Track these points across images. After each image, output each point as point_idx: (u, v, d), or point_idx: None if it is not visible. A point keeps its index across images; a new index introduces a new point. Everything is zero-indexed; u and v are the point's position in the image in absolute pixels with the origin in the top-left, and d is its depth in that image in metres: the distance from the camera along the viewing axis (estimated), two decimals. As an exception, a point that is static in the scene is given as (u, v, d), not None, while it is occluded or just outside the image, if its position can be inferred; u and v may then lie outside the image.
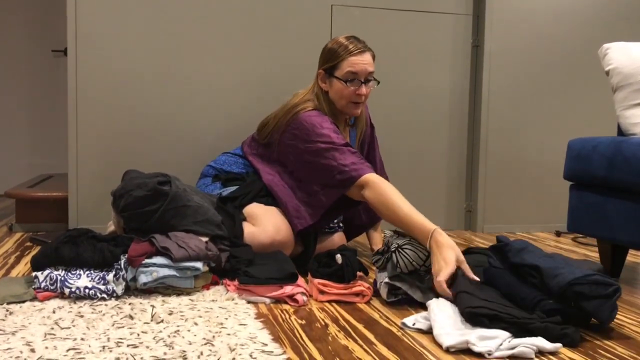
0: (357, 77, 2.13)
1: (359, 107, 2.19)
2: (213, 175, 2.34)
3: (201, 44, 2.80)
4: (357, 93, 2.14)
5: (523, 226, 3.23)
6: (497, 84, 3.15)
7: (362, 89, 2.14)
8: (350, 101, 2.16)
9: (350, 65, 2.12)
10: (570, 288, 1.49)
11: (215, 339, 1.38)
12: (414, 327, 1.52)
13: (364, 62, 2.13)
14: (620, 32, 3.22)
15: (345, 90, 2.14)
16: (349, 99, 2.16)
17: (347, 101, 2.17)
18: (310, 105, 2.19)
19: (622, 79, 2.17)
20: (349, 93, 2.14)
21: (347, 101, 2.17)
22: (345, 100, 2.17)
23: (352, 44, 2.15)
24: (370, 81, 2.17)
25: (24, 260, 2.20)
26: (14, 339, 1.35)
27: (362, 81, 2.14)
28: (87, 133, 2.73)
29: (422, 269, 1.71)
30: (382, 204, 1.92)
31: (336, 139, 2.07)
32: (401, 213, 1.87)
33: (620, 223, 1.97)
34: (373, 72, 2.18)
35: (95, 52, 2.72)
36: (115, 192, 1.93)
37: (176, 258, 1.73)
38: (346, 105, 2.18)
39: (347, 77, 2.13)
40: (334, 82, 2.16)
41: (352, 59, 2.12)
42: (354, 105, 2.17)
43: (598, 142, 2.06)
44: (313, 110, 2.17)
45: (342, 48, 2.15)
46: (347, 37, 2.19)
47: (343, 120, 2.31)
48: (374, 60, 2.19)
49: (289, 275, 1.77)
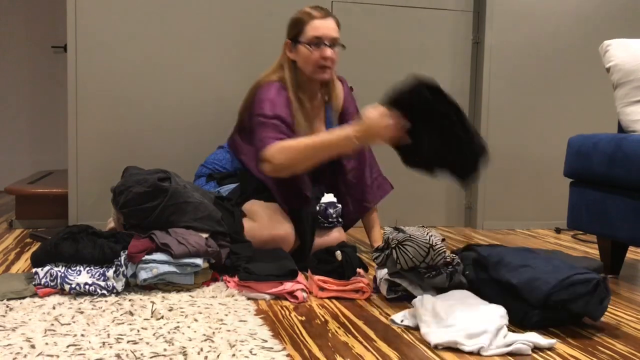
0: (321, 41, 2.17)
1: (326, 71, 2.21)
2: (207, 175, 2.35)
3: (202, 40, 2.80)
4: (323, 56, 2.18)
5: (523, 223, 3.23)
6: (497, 81, 3.15)
7: (327, 52, 2.17)
8: (317, 66, 2.19)
9: (314, 29, 2.18)
10: (549, 298, 1.48)
11: (215, 335, 1.38)
12: (402, 323, 1.52)
13: (328, 26, 2.19)
14: (621, 29, 3.21)
15: (311, 54, 2.18)
16: (316, 64, 2.19)
17: (314, 66, 2.19)
18: (274, 77, 2.24)
19: (622, 76, 2.17)
20: (315, 57, 2.18)
21: (314, 66, 2.19)
22: (312, 65, 2.20)
23: (315, 10, 2.22)
24: (335, 47, 2.22)
25: (24, 257, 2.21)
26: (14, 335, 1.35)
27: (326, 44, 2.18)
28: (87, 129, 2.73)
29: (422, 265, 1.71)
30: (291, 153, 1.98)
31: (268, 110, 2.12)
32: (314, 144, 1.97)
33: (620, 220, 1.97)
34: (338, 38, 2.22)
35: (95, 49, 2.71)
36: (115, 189, 1.93)
37: (176, 254, 1.73)
38: (314, 70, 2.20)
39: (311, 42, 2.18)
40: (300, 49, 2.20)
41: (316, 22, 2.18)
42: (321, 69, 2.20)
43: (598, 139, 2.06)
44: (272, 83, 2.22)
45: (306, 15, 2.21)
46: (311, 6, 2.25)
47: (316, 95, 2.33)
48: (338, 27, 2.24)
49: (289, 272, 1.77)
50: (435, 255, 1.70)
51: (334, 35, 2.19)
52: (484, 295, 1.64)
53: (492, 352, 1.34)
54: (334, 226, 2.31)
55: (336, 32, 2.21)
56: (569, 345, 1.43)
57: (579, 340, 1.46)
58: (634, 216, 1.91)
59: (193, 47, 2.79)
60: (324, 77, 2.22)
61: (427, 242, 1.71)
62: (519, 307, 1.55)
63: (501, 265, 1.65)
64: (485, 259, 1.72)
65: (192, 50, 2.79)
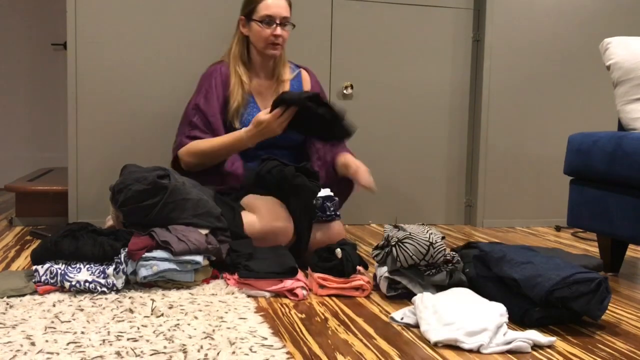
0: (272, 19, 2.32)
1: (277, 48, 2.36)
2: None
3: (202, 37, 2.80)
4: (274, 34, 2.33)
5: (523, 221, 3.23)
6: (497, 79, 3.14)
7: (278, 30, 2.33)
8: (268, 42, 2.35)
9: (266, 8, 2.32)
10: (551, 295, 1.48)
11: (215, 333, 1.39)
12: (402, 321, 1.53)
13: (279, 5, 2.33)
14: (622, 27, 3.21)
15: (262, 32, 2.34)
16: (267, 41, 2.34)
17: (265, 43, 2.35)
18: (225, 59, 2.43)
19: (622, 74, 2.17)
20: (266, 35, 2.33)
21: (265, 43, 2.35)
22: (264, 42, 2.35)
23: None
24: (286, 25, 2.36)
25: (24, 254, 2.21)
26: (14, 333, 1.35)
27: (277, 23, 2.32)
28: (87, 127, 2.73)
29: (422, 263, 1.71)
30: (197, 155, 2.28)
31: (201, 103, 2.34)
32: (213, 147, 2.25)
33: (620, 218, 1.97)
34: (289, 18, 2.37)
35: (95, 46, 2.71)
36: (114, 187, 1.93)
37: (176, 251, 1.73)
38: (265, 47, 2.36)
39: (263, 19, 2.33)
40: (253, 26, 2.36)
41: (268, 1, 2.33)
42: (272, 46, 2.35)
43: (598, 137, 2.06)
44: (215, 66, 2.42)
45: None
46: None
47: (271, 72, 2.45)
48: (290, 7, 2.39)
49: (289, 269, 1.77)
50: (435, 253, 1.71)
51: (284, 14, 2.34)
52: (485, 292, 1.64)
53: (492, 350, 1.34)
54: (332, 219, 2.31)
55: (287, 12, 2.36)
56: (568, 343, 1.43)
57: (579, 338, 1.47)
58: (634, 214, 1.91)
59: (193, 45, 2.79)
60: (274, 53, 2.38)
61: (427, 239, 1.71)
62: (519, 304, 1.55)
63: (503, 261, 1.65)
64: (487, 255, 1.72)
65: (192, 48, 2.79)
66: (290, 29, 2.39)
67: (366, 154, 3.07)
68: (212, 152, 2.25)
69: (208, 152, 2.26)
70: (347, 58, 3.02)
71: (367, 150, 3.07)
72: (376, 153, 3.10)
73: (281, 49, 2.39)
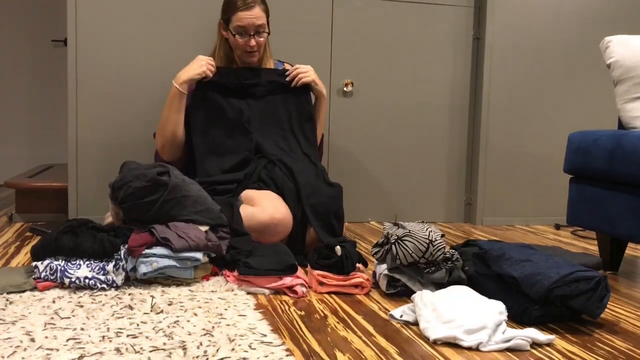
0: (245, 30, 2.36)
1: (252, 55, 2.42)
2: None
3: (201, 34, 2.79)
4: (248, 44, 2.37)
5: (522, 219, 3.23)
6: (497, 77, 3.14)
7: (251, 42, 2.37)
8: (244, 51, 2.41)
9: (239, 20, 2.35)
10: (551, 293, 1.48)
11: (214, 330, 1.39)
12: (401, 319, 1.53)
13: (251, 16, 2.35)
14: (623, 25, 3.21)
15: (236, 42, 2.39)
16: (242, 50, 2.40)
17: (241, 51, 2.41)
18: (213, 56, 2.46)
19: (623, 72, 2.17)
20: (241, 45, 2.38)
21: (241, 51, 2.41)
22: (240, 51, 2.41)
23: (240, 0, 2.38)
24: (262, 33, 2.39)
25: (23, 250, 2.21)
26: (14, 329, 1.35)
27: (250, 34, 2.36)
28: (87, 123, 2.73)
29: (422, 261, 1.71)
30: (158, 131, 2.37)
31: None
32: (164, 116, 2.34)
33: (619, 216, 1.97)
34: (263, 25, 2.39)
35: (96, 43, 2.71)
36: (114, 184, 1.93)
37: (176, 248, 1.74)
38: (241, 54, 2.42)
39: (237, 31, 2.37)
40: (229, 34, 2.41)
41: (240, 14, 2.35)
42: (247, 54, 2.41)
43: (598, 136, 2.06)
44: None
45: (232, 4, 2.38)
46: None
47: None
48: (266, 12, 2.41)
49: (289, 266, 1.78)
50: (435, 250, 1.71)
51: (258, 23, 2.36)
52: (484, 290, 1.64)
53: (491, 348, 1.34)
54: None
55: (260, 20, 2.37)
56: (567, 341, 1.43)
57: (578, 337, 1.47)
58: (634, 213, 1.91)
59: (193, 41, 2.79)
60: (250, 60, 2.43)
61: (427, 237, 1.71)
62: (519, 301, 1.55)
63: (503, 259, 1.65)
64: (486, 253, 1.72)
65: (193, 44, 2.78)
66: (266, 35, 2.42)
67: (366, 150, 3.08)
68: (164, 116, 2.34)
69: (162, 119, 2.34)
70: (348, 55, 3.02)
71: (367, 147, 3.08)
72: (376, 150, 3.10)
73: (257, 54, 2.43)
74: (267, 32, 2.42)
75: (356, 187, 3.04)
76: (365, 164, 3.08)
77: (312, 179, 2.24)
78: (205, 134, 2.35)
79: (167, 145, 2.36)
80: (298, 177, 2.20)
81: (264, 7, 2.41)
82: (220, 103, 2.36)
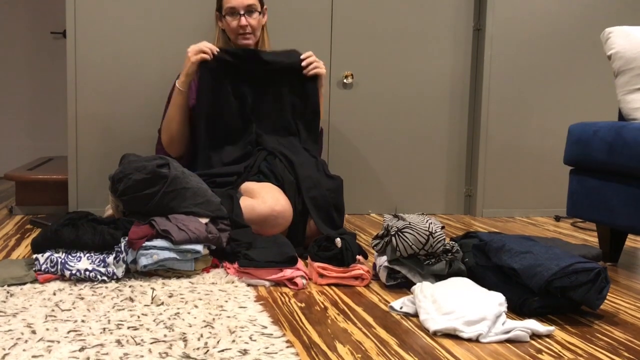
0: (235, 10, 2.38)
1: (247, 37, 2.41)
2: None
3: (202, 28, 2.78)
4: (240, 25, 2.38)
5: (522, 211, 3.23)
6: (498, 68, 3.13)
7: (242, 20, 2.37)
8: (237, 34, 2.41)
9: (228, 1, 2.39)
10: (550, 284, 1.49)
11: (215, 322, 1.39)
12: (401, 310, 1.53)
13: None
14: (623, 17, 3.19)
15: (230, 24, 2.40)
16: (235, 32, 2.41)
17: (234, 34, 2.42)
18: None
19: (623, 64, 2.16)
20: (234, 26, 2.40)
21: (234, 34, 2.42)
22: (234, 34, 2.42)
23: None
24: (253, 12, 2.40)
25: (24, 243, 2.21)
26: (15, 321, 1.36)
27: (241, 13, 2.37)
28: (87, 116, 2.72)
29: (422, 252, 1.71)
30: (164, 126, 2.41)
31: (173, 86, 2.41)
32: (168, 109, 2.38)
33: (619, 208, 1.97)
34: (253, 5, 2.40)
35: (95, 35, 2.70)
36: (114, 176, 1.93)
37: (176, 240, 1.74)
38: (235, 37, 2.42)
39: (228, 13, 2.40)
40: (224, 20, 2.43)
41: None
42: (241, 36, 2.41)
43: (599, 127, 2.06)
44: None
45: None
46: None
47: None
48: None
49: (289, 258, 1.78)
50: (435, 242, 1.71)
51: (247, 2, 2.38)
52: (484, 281, 1.65)
53: (491, 339, 1.35)
54: None
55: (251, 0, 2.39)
56: (567, 333, 1.43)
57: (578, 328, 1.47)
58: (634, 204, 1.91)
59: (193, 33, 2.77)
60: (245, 43, 2.42)
61: (427, 229, 1.71)
62: (518, 293, 1.55)
63: (503, 250, 1.65)
64: (486, 244, 1.72)
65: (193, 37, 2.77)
66: (258, 16, 2.42)
67: (366, 143, 3.07)
68: (168, 114, 2.37)
69: (168, 119, 2.37)
70: (348, 47, 3.01)
71: (367, 139, 3.07)
72: (376, 142, 3.09)
73: (253, 37, 2.42)
74: (259, 12, 2.42)
75: (356, 179, 3.04)
76: (365, 155, 3.08)
77: (313, 171, 2.24)
78: (207, 126, 2.33)
79: (173, 142, 2.40)
80: (298, 170, 2.20)
81: None
82: (223, 91, 2.33)
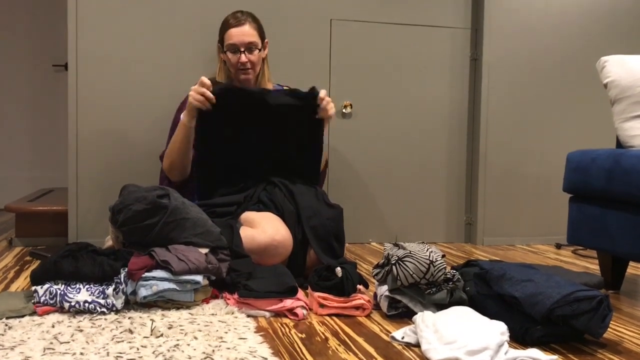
0: (236, 47, 2.41)
1: (247, 73, 2.43)
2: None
3: (202, 57, 2.82)
4: (240, 61, 2.41)
5: (523, 239, 3.23)
6: (495, 97, 3.16)
7: (242, 58, 2.40)
8: (237, 69, 2.44)
9: (229, 38, 2.41)
10: (552, 313, 1.48)
11: (215, 353, 1.38)
12: (403, 340, 1.52)
13: (241, 33, 2.40)
14: (619, 45, 3.23)
15: (229, 60, 2.44)
16: (235, 67, 2.44)
17: (234, 69, 2.45)
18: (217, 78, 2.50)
19: (620, 92, 2.18)
20: (234, 62, 2.43)
21: (234, 69, 2.45)
22: (234, 69, 2.45)
23: (233, 18, 2.44)
24: (253, 50, 2.42)
25: (23, 275, 2.20)
26: (13, 354, 1.35)
27: (241, 51, 2.39)
28: (87, 147, 2.74)
29: (423, 281, 1.70)
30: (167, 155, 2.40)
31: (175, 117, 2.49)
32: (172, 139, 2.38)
33: (620, 235, 1.97)
34: (254, 42, 2.42)
35: (96, 67, 2.73)
36: (114, 207, 1.93)
37: (176, 271, 1.73)
38: (235, 73, 2.46)
39: (228, 48, 2.43)
40: (225, 54, 2.46)
41: (230, 31, 2.41)
42: (241, 71, 2.43)
43: (597, 155, 2.07)
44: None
45: (224, 23, 2.45)
46: (232, 13, 2.46)
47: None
48: (258, 30, 2.44)
49: (289, 288, 1.77)
50: (436, 271, 1.70)
51: (247, 40, 2.40)
52: (485, 310, 1.64)
53: (493, 369, 1.33)
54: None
55: (252, 37, 2.41)
56: (570, 362, 1.42)
57: (581, 357, 1.46)
58: (634, 231, 1.91)
59: (193, 63, 2.81)
60: (245, 78, 2.44)
61: (427, 258, 1.71)
62: (520, 322, 1.54)
63: (504, 279, 1.64)
64: (487, 273, 1.71)
65: (193, 66, 2.81)
66: (259, 53, 2.44)
67: (366, 171, 3.08)
68: (173, 145, 2.37)
69: (171, 148, 2.38)
70: (346, 77, 3.04)
71: (367, 168, 3.08)
72: (376, 171, 3.10)
73: (253, 72, 2.45)
74: (259, 50, 2.43)
75: (356, 208, 3.04)
76: (365, 184, 3.09)
77: (313, 200, 2.24)
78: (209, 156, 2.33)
79: (174, 168, 2.41)
80: (298, 199, 2.21)
81: (256, 25, 2.44)
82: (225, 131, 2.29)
